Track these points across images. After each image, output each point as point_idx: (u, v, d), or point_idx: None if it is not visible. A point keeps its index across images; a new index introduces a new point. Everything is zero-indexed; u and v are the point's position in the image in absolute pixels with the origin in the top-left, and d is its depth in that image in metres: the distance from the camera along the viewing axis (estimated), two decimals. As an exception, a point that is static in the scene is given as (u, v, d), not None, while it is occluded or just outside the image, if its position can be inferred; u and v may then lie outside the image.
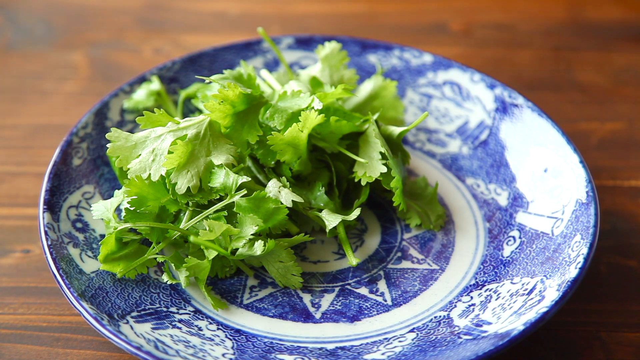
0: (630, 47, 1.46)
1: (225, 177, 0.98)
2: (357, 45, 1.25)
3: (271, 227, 0.99)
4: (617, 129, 1.30)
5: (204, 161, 0.98)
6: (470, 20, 1.52)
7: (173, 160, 0.97)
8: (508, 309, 0.96)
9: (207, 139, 0.99)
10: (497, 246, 1.06)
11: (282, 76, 1.14)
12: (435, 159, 1.17)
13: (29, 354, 0.98)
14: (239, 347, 0.95)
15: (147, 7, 1.54)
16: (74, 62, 1.41)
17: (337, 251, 1.06)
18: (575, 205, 1.03)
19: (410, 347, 0.95)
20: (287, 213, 0.99)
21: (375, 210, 1.11)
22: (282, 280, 1.01)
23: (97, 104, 1.14)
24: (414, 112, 1.21)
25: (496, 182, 1.12)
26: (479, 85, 1.19)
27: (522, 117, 1.14)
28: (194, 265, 0.97)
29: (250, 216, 0.97)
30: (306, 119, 0.99)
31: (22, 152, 1.24)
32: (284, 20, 1.51)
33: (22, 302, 1.04)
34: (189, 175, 0.97)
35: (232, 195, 0.97)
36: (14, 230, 1.13)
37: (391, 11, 1.54)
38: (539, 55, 1.44)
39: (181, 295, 1.00)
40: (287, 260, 1.00)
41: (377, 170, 1.02)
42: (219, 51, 1.24)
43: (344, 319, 0.99)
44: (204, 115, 1.00)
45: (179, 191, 0.97)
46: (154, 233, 0.99)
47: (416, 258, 1.05)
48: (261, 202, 0.98)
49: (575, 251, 0.98)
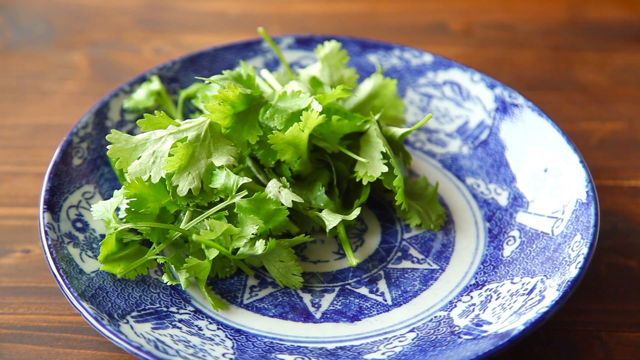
0: (630, 47, 1.46)
1: (226, 179, 0.98)
2: (357, 45, 1.25)
3: (272, 228, 0.99)
4: (617, 129, 1.30)
5: (205, 163, 0.98)
6: (470, 20, 1.52)
7: (174, 163, 0.97)
8: (508, 309, 0.96)
9: (207, 140, 0.99)
10: (497, 246, 1.06)
11: (282, 76, 1.14)
12: (436, 159, 1.17)
13: (29, 354, 0.98)
14: (239, 347, 0.95)
15: (147, 7, 1.54)
16: (74, 62, 1.41)
17: (337, 251, 1.06)
18: (575, 205, 1.03)
19: (410, 347, 0.95)
20: (287, 214, 0.99)
21: (375, 210, 1.11)
22: (282, 280, 1.01)
23: (97, 104, 1.14)
24: (414, 112, 1.21)
25: (496, 182, 1.12)
26: (479, 85, 1.19)
27: (522, 117, 1.14)
28: (195, 265, 0.97)
29: (251, 217, 0.97)
30: (307, 118, 0.99)
31: (22, 152, 1.24)
32: (284, 20, 1.51)
33: (22, 302, 1.04)
34: (190, 177, 0.97)
35: (232, 196, 0.97)
36: (14, 230, 1.13)
37: (391, 11, 1.54)
38: (539, 55, 1.44)
39: (181, 295, 1.00)
40: (288, 260, 1.00)
41: (379, 170, 1.02)
42: (219, 51, 1.24)
43: (344, 318, 0.99)
44: (204, 116, 1.00)
45: (180, 193, 0.97)
46: (155, 233, 0.99)
47: (416, 258, 1.05)
48: (262, 203, 0.97)
49: (576, 251, 0.98)
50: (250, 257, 0.99)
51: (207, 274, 0.98)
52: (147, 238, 1.00)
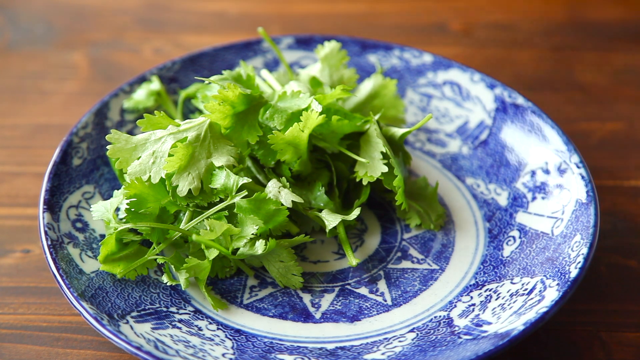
0: (630, 47, 1.46)
1: (226, 179, 0.98)
2: (357, 45, 1.25)
3: (272, 228, 0.99)
4: (617, 129, 1.30)
5: (205, 163, 0.98)
6: (470, 20, 1.52)
7: (174, 163, 0.97)
8: (508, 309, 0.96)
9: (207, 140, 0.99)
10: (497, 246, 1.06)
11: (282, 76, 1.14)
12: (435, 159, 1.17)
13: (29, 354, 0.98)
14: (239, 347, 0.95)
15: (147, 7, 1.54)
16: (74, 62, 1.41)
17: (337, 251, 1.06)
18: (575, 205, 1.03)
19: (410, 347, 0.95)
20: (287, 215, 0.99)
21: (375, 210, 1.11)
22: (282, 280, 1.01)
23: (97, 104, 1.14)
24: (414, 112, 1.21)
25: (496, 182, 1.12)
26: (479, 85, 1.19)
27: (522, 117, 1.14)
28: (194, 265, 0.97)
29: (251, 217, 0.97)
30: (307, 118, 0.99)
31: (22, 152, 1.24)
32: (284, 20, 1.51)
33: (22, 302, 1.04)
34: (190, 178, 0.97)
35: (232, 196, 0.97)
36: (14, 230, 1.13)
37: (391, 11, 1.54)
38: (539, 55, 1.44)
39: (181, 295, 1.00)
40: (288, 260, 1.00)
41: (379, 170, 1.02)
42: (219, 51, 1.24)
43: (344, 319, 0.99)
44: (204, 116, 1.00)
45: (180, 193, 0.97)
46: (155, 234, 0.99)
47: (416, 258, 1.05)
48: (262, 203, 0.97)
49: (575, 251, 0.98)
50: (250, 257, 0.99)
51: (207, 274, 0.98)
52: (147, 238, 1.00)
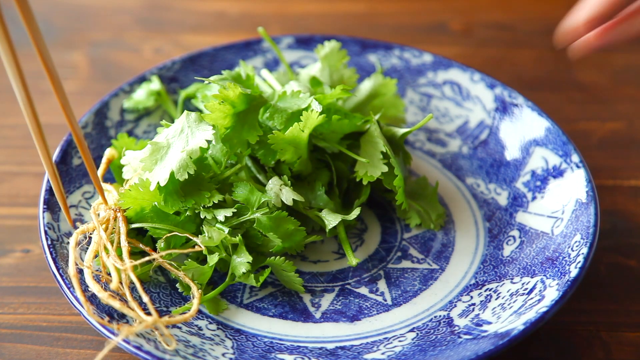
0: (630, 47, 1.46)
1: (249, 193, 0.98)
2: (357, 45, 1.25)
3: (287, 247, 1.00)
4: (617, 128, 1.30)
5: (186, 152, 0.96)
6: (470, 20, 1.52)
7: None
8: (508, 309, 0.96)
9: (185, 132, 0.97)
10: (497, 246, 1.06)
11: (282, 76, 1.14)
12: (435, 158, 1.17)
13: (29, 353, 0.98)
14: (239, 347, 0.94)
15: (147, 7, 1.54)
16: (74, 62, 1.41)
17: (337, 251, 1.06)
18: (575, 205, 1.03)
19: (410, 347, 0.95)
20: (304, 235, 0.99)
21: (375, 210, 1.11)
22: (286, 285, 1.01)
23: (97, 103, 1.14)
24: (414, 111, 1.21)
25: (496, 181, 1.12)
26: (479, 85, 1.19)
27: (522, 116, 1.14)
28: (194, 269, 0.96)
29: (270, 234, 0.97)
30: (307, 118, 0.99)
31: (22, 152, 1.24)
32: (284, 20, 1.51)
33: (22, 302, 1.04)
34: (165, 171, 0.95)
35: (253, 211, 0.97)
36: (14, 230, 1.13)
37: (391, 11, 1.54)
38: (539, 55, 1.44)
39: (181, 295, 1.00)
40: (289, 270, 0.99)
41: (379, 170, 1.02)
42: (219, 51, 1.24)
43: (344, 318, 0.99)
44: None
45: (161, 184, 0.95)
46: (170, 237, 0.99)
47: (416, 258, 1.05)
48: (282, 221, 0.98)
49: (575, 251, 0.98)
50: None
51: (208, 279, 0.98)
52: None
